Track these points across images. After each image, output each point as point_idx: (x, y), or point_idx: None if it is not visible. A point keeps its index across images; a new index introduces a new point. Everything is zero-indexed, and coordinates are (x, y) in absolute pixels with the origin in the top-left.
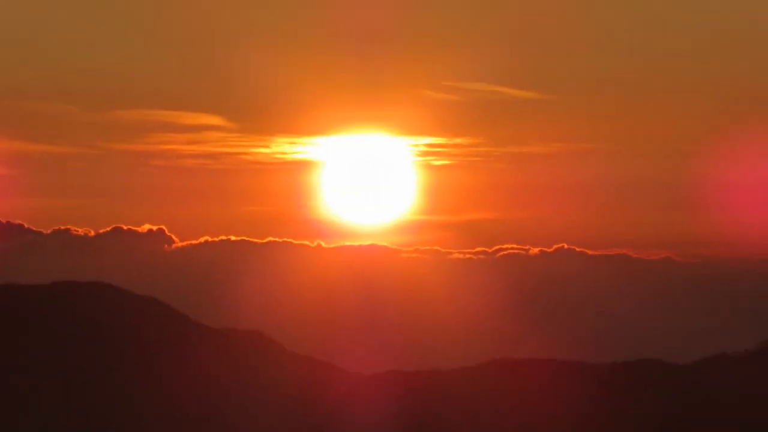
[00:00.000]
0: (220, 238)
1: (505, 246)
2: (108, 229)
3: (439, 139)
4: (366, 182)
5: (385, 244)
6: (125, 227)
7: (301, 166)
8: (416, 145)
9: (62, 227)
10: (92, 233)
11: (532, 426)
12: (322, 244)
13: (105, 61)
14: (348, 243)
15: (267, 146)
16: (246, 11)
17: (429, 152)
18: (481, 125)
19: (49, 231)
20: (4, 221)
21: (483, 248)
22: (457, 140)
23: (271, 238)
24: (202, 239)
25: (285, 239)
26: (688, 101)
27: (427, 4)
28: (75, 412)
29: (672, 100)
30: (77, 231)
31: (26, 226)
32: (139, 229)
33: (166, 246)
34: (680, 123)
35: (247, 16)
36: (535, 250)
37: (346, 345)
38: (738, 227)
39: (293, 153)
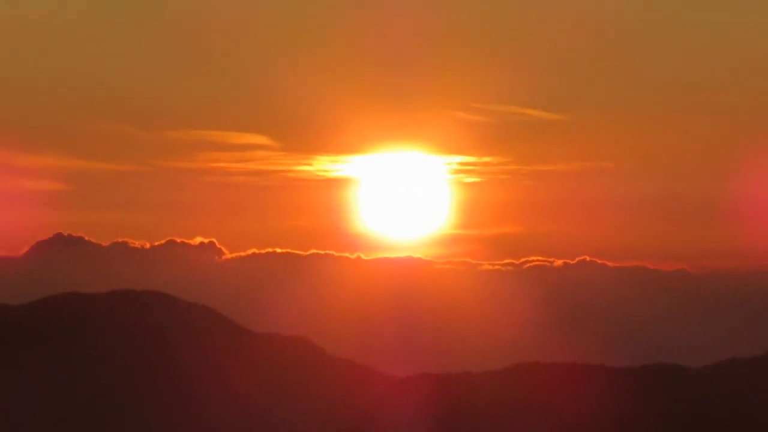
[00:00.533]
0: (266, 250)
1: (531, 258)
2: (162, 241)
3: (470, 157)
4: (402, 198)
5: (419, 256)
6: (178, 240)
7: (341, 183)
8: (449, 164)
9: (120, 240)
10: (148, 245)
11: (556, 426)
12: (362, 256)
13: (158, 84)
14: (385, 255)
15: (309, 164)
16: (289, 37)
17: (461, 170)
18: (509, 145)
19: (107, 243)
20: (65, 234)
21: (511, 260)
22: (487, 159)
23: (314, 251)
24: (249, 251)
25: (327, 251)
26: (702, 123)
27: (458, 32)
28: (131, 409)
29: (687, 121)
30: (134, 243)
31: (86, 238)
32: (192, 242)
33: (216, 257)
34: (695, 143)
35: (290, 42)
36: (559, 262)
37: (383, 349)
38: (749, 240)
39: (334, 170)
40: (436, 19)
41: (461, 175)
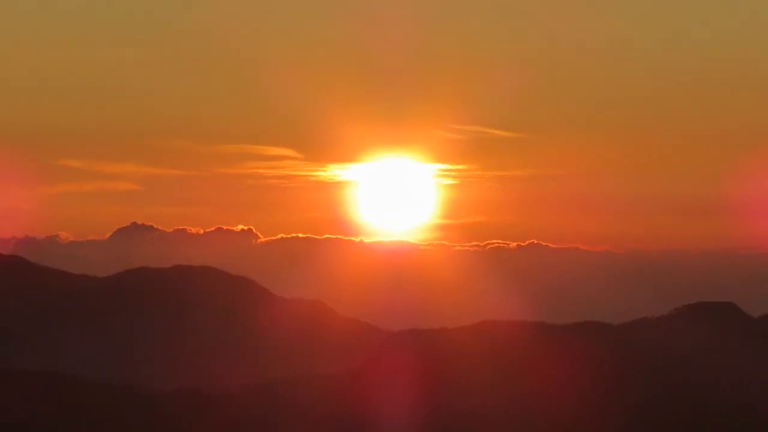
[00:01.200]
0: (291, 235)
1: (492, 241)
2: (213, 228)
3: (448, 165)
4: (395, 196)
5: (408, 240)
6: (225, 227)
7: (349, 184)
8: (432, 169)
9: (180, 227)
10: (202, 231)
11: (510, 367)
12: (364, 240)
13: (211, 111)
14: (382, 239)
15: (324, 170)
16: (313, 76)
17: (441, 174)
18: (477, 155)
19: (171, 230)
20: (139, 223)
21: (477, 242)
22: (460, 166)
23: (327, 236)
24: (279, 236)
25: (337, 236)
26: (624, 139)
27: (436, 71)
28: (187, 360)
29: (612, 138)
30: (191, 230)
31: (155, 226)
32: (235, 229)
33: (253, 241)
34: (616, 154)
35: (313, 80)
36: (514, 244)
37: (380, 310)
38: (657, 228)
39: (343, 175)
40: (421, 62)
41: (441, 179)
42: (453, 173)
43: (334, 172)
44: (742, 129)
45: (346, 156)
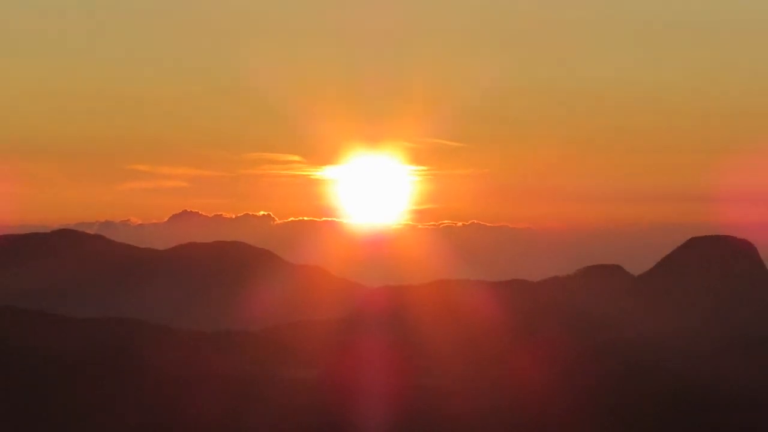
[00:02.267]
0: (299, 218)
1: (444, 221)
2: (242, 214)
3: (413, 166)
4: (376, 189)
5: (384, 221)
6: (251, 213)
7: (341, 180)
8: (402, 169)
9: (218, 213)
10: (233, 216)
11: (458, 311)
12: (352, 221)
13: (239, 129)
14: (365, 221)
15: (323, 170)
16: (312, 106)
17: (410, 173)
18: (434, 160)
19: (211, 215)
20: (188, 210)
21: (433, 222)
22: (422, 167)
23: (325, 218)
24: (290, 219)
25: (332, 218)
26: (536, 148)
27: (406, 104)
28: (224, 308)
29: (528, 149)
30: (226, 215)
31: (200, 212)
32: (258, 214)
33: (272, 222)
34: (532, 160)
35: (313, 108)
36: (460, 223)
37: (363, 271)
38: (562, 210)
39: (336, 173)
40: (393, 95)
41: (409, 176)
42: (417, 172)
43: (329, 171)
44: (619, 140)
45: (338, 159)
